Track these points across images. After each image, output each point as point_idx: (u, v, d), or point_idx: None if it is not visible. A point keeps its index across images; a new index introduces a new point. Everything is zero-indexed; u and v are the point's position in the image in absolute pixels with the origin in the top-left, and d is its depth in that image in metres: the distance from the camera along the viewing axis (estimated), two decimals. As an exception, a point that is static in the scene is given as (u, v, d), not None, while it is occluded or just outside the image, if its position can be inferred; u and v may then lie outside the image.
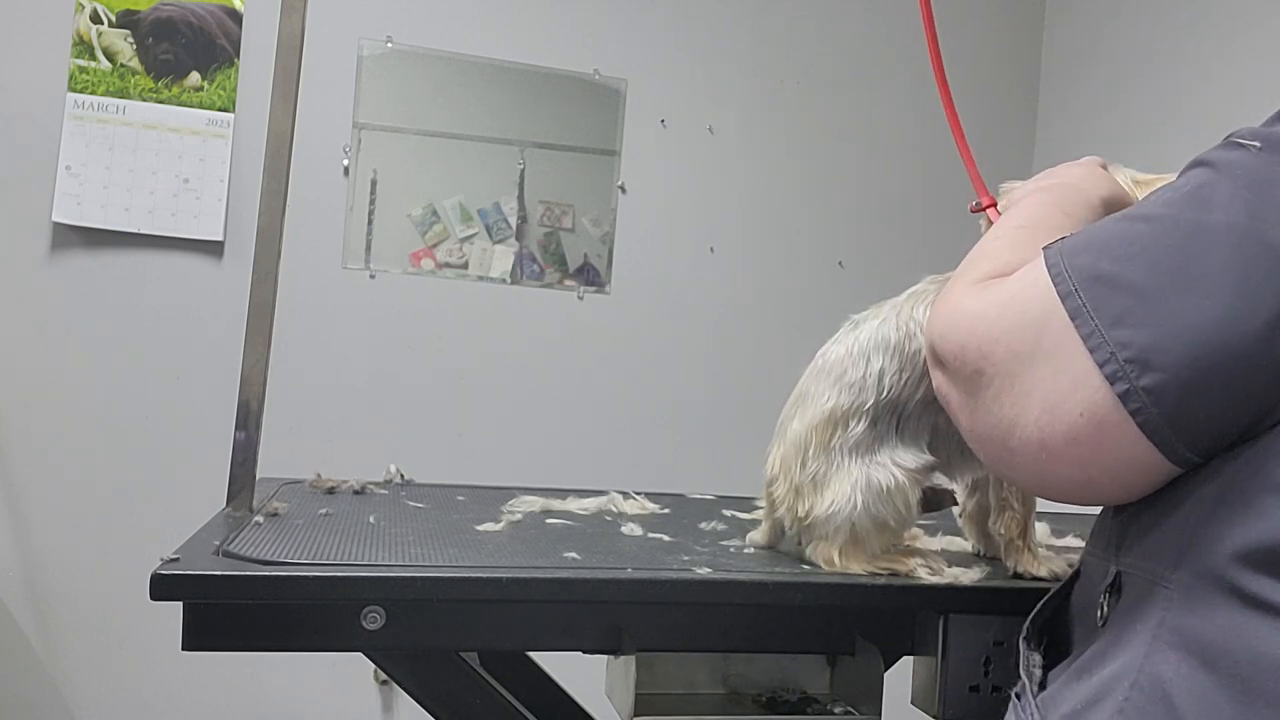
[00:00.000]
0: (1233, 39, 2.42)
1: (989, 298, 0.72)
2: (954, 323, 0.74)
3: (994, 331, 0.70)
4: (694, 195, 2.84)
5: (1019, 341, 0.68)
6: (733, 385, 2.83)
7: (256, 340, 1.25)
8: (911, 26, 2.98)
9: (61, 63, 2.43)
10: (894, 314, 1.02)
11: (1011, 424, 0.68)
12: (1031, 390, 0.67)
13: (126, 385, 2.48)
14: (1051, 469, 0.67)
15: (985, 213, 1.02)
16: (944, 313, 0.76)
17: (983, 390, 0.70)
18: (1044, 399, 0.66)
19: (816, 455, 1.00)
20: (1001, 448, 0.70)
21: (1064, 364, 0.65)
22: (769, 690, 1.11)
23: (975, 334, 0.71)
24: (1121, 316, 0.63)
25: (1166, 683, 0.62)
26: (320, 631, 0.86)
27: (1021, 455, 0.68)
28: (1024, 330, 0.68)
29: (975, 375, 0.71)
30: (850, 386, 1.00)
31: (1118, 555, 0.71)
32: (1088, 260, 0.66)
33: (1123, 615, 0.68)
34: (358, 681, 2.56)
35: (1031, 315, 0.68)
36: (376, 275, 2.62)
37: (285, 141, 1.26)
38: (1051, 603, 0.82)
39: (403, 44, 2.63)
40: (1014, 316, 0.69)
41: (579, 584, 0.91)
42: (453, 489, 1.50)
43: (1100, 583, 0.73)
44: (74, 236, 2.45)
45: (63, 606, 2.44)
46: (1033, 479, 0.70)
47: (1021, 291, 0.70)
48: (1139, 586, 0.68)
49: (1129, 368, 0.62)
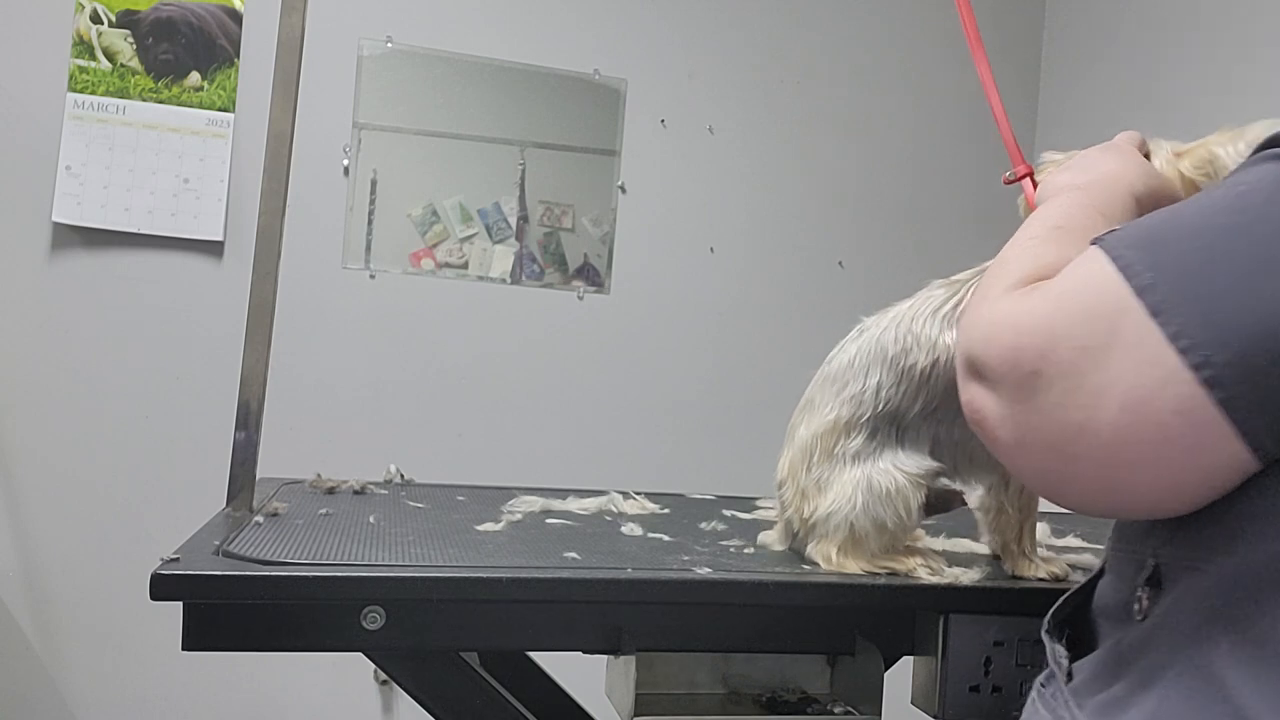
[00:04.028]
0: (1233, 38, 2.42)
1: (1038, 295, 0.67)
2: (998, 326, 0.67)
3: (1054, 327, 0.64)
4: (694, 195, 2.84)
5: (1087, 336, 0.62)
6: (733, 385, 2.83)
7: (256, 340, 1.25)
8: (911, 26, 2.98)
9: (61, 63, 2.43)
10: (894, 325, 1.03)
11: (1079, 429, 0.62)
12: (1107, 388, 0.61)
13: (126, 385, 2.47)
14: (1132, 476, 0.62)
15: (1021, 183, 0.99)
16: (981, 320, 0.70)
17: (1039, 394, 0.64)
18: (1124, 396, 0.61)
19: (821, 461, 1.02)
20: (1060, 457, 0.64)
21: (1148, 360, 0.60)
22: (769, 690, 1.11)
23: (1029, 332, 0.65)
24: (1213, 313, 0.59)
25: (1218, 670, 0.61)
26: (320, 631, 0.87)
27: (1089, 462, 0.63)
28: (1093, 324, 0.62)
29: (1031, 378, 0.64)
30: (850, 399, 1.02)
31: (1155, 548, 0.69)
32: (1166, 255, 0.62)
33: (1166, 606, 0.67)
34: (358, 681, 2.56)
35: (1100, 309, 0.62)
36: (376, 275, 2.62)
37: (285, 141, 1.26)
38: (1073, 599, 0.81)
39: (403, 44, 2.63)
40: (1077, 310, 0.63)
41: (579, 584, 0.91)
42: (453, 489, 1.51)
43: (1135, 576, 0.71)
44: (74, 236, 2.45)
45: (63, 606, 2.44)
46: (1101, 490, 0.64)
47: (1081, 284, 0.65)
48: (1183, 577, 0.66)
49: (1226, 371, 0.58)
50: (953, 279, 1.04)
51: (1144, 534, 0.72)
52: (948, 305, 1.01)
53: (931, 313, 1.01)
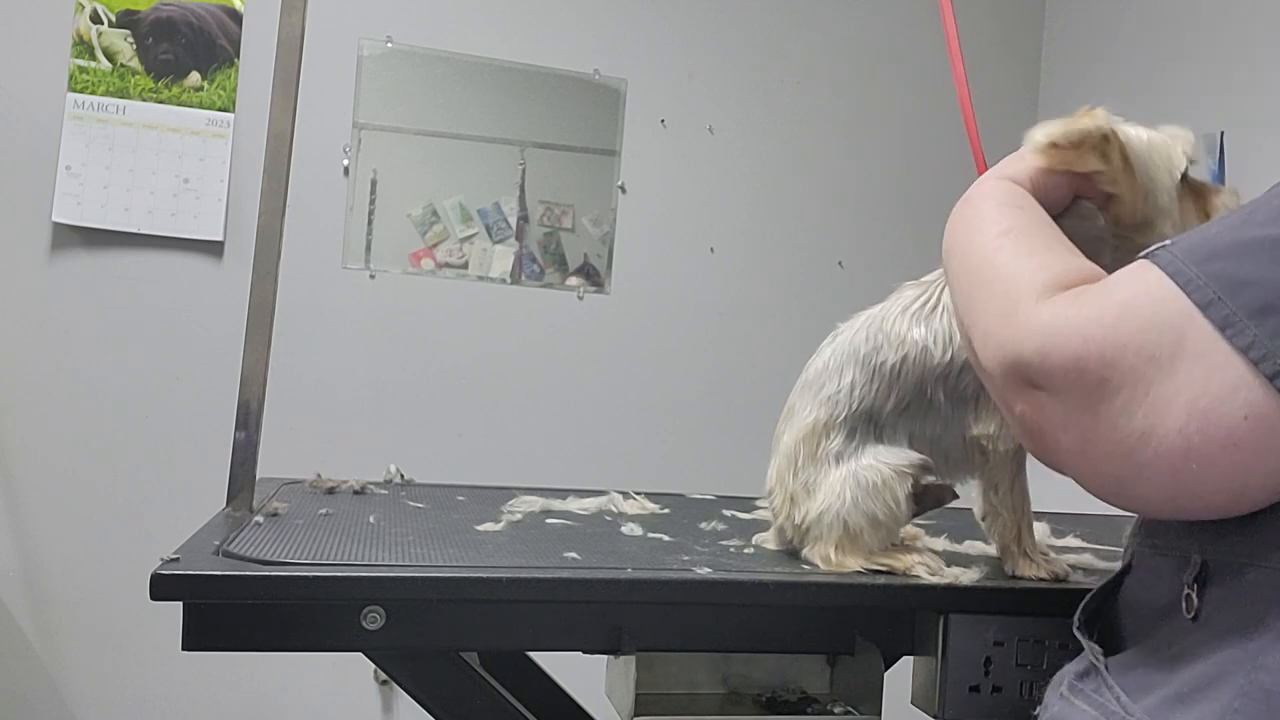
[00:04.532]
0: (1233, 38, 2.42)
1: (1093, 303, 0.68)
2: (1059, 332, 0.68)
3: (1119, 336, 0.65)
4: (694, 195, 2.84)
5: (1154, 345, 0.64)
6: (733, 385, 2.83)
7: (256, 340, 1.25)
8: (911, 27, 2.98)
9: (61, 63, 2.43)
10: (866, 326, 1.05)
11: (1144, 435, 0.64)
12: (1173, 397, 0.63)
13: (126, 385, 2.47)
14: (1198, 480, 0.63)
15: None
16: (1037, 325, 0.70)
17: (1106, 402, 0.65)
18: (1191, 404, 0.62)
19: (806, 464, 1.04)
20: (1129, 464, 0.65)
21: (1217, 368, 0.62)
22: (769, 690, 1.11)
23: (1095, 341, 0.66)
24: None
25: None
26: (320, 631, 0.87)
27: (1156, 469, 0.64)
28: (1159, 334, 0.64)
29: (1099, 386, 0.65)
30: (827, 400, 1.04)
31: (1202, 545, 0.69)
32: (1225, 267, 0.64)
33: (1217, 604, 0.67)
34: (358, 681, 2.56)
35: (1164, 319, 0.64)
36: (376, 275, 2.62)
37: (285, 141, 1.26)
38: (1097, 597, 0.82)
39: (403, 44, 2.63)
40: (1143, 319, 0.65)
41: (579, 584, 0.91)
42: (453, 489, 1.50)
43: (1178, 573, 0.71)
44: (74, 236, 2.45)
45: (63, 607, 2.44)
46: (1166, 495, 0.66)
47: (1142, 296, 0.66)
48: (1237, 574, 0.66)
49: None
50: (923, 280, 1.06)
51: (1185, 532, 0.72)
52: (916, 304, 1.03)
53: (901, 311, 1.03)
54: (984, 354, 0.76)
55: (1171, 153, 0.93)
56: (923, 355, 1.00)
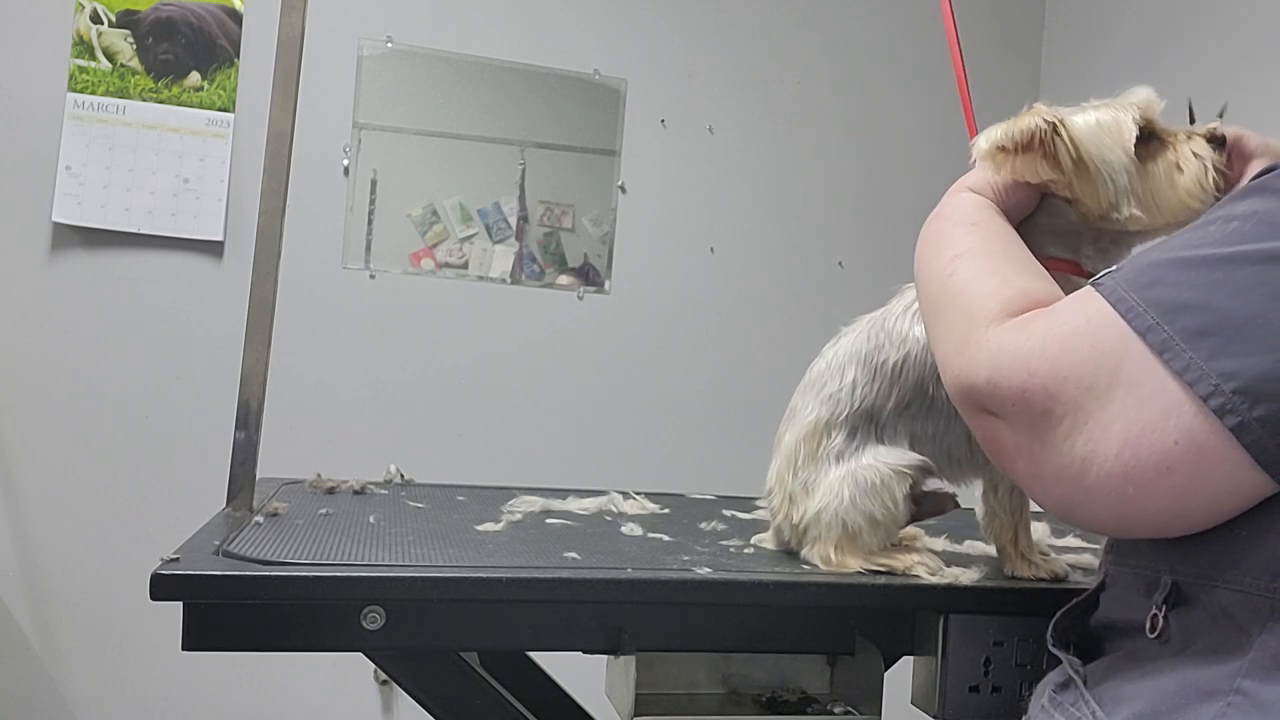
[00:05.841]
0: (1233, 38, 2.42)
1: (1038, 333, 0.70)
2: (1006, 365, 0.71)
3: (1059, 369, 0.68)
4: (694, 195, 2.84)
5: (1092, 376, 0.66)
6: (733, 385, 2.83)
7: (256, 340, 1.25)
8: (911, 27, 2.98)
9: (61, 63, 2.43)
10: (868, 326, 1.06)
11: (1086, 461, 0.66)
12: (1109, 424, 0.65)
13: (126, 385, 2.47)
14: (1137, 503, 0.65)
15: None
16: (982, 355, 0.73)
17: (1050, 430, 0.68)
18: (1126, 431, 0.64)
19: (805, 464, 1.04)
20: (1075, 488, 0.68)
21: (1150, 395, 0.64)
22: (769, 690, 1.11)
23: (1038, 374, 0.68)
24: (1221, 348, 0.62)
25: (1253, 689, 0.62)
26: (320, 631, 0.87)
27: (1100, 492, 0.66)
28: (1097, 364, 0.66)
29: (1043, 416, 0.68)
30: (829, 399, 1.04)
31: (1173, 565, 0.70)
32: (1165, 293, 0.65)
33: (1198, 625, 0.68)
34: (358, 681, 2.56)
35: (1104, 349, 0.66)
36: (376, 275, 2.62)
37: (285, 141, 1.26)
38: (1071, 612, 0.82)
39: (403, 44, 2.63)
40: (1083, 351, 0.67)
41: (579, 584, 0.91)
42: (453, 489, 1.51)
43: (1148, 594, 0.72)
44: (74, 236, 2.45)
45: (63, 607, 2.44)
46: (1113, 516, 0.68)
47: (1085, 326, 0.68)
48: (1214, 595, 0.67)
49: (1237, 399, 0.61)
50: None
51: (1155, 552, 0.72)
52: (917, 304, 1.03)
53: (903, 310, 1.04)
54: (945, 378, 0.80)
55: (1121, 127, 0.93)
56: (924, 354, 1.00)
